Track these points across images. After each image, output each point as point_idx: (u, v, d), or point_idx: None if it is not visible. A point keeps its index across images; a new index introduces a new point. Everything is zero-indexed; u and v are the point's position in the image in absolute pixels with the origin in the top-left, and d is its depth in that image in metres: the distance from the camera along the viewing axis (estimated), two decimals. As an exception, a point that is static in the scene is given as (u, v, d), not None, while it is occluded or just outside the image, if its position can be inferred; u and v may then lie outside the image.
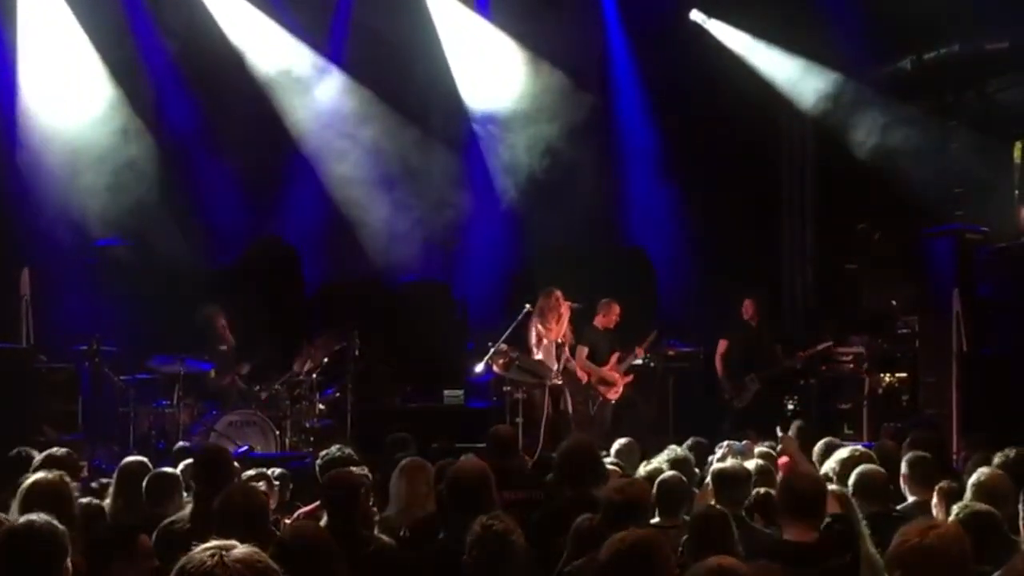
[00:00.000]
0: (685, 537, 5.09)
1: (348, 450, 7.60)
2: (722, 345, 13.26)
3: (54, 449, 7.25)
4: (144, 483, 6.43)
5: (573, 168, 14.76)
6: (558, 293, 12.62)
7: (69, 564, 4.01)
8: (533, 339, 12.56)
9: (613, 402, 13.00)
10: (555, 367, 12.47)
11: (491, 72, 15.13)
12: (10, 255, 12.26)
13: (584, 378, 12.84)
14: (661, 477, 6.18)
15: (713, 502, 6.05)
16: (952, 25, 13.15)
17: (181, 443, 10.21)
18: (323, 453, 7.56)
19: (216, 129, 13.97)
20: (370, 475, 6.88)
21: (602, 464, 6.66)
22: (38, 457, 7.06)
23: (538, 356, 12.51)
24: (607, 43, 15.49)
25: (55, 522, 4.03)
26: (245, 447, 10.96)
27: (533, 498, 6.68)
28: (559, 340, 12.55)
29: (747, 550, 4.82)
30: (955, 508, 5.08)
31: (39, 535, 3.94)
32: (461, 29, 14.98)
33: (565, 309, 12.55)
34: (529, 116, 14.88)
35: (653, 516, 5.68)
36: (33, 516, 4.04)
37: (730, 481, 6.23)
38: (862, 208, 14.74)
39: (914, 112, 14.06)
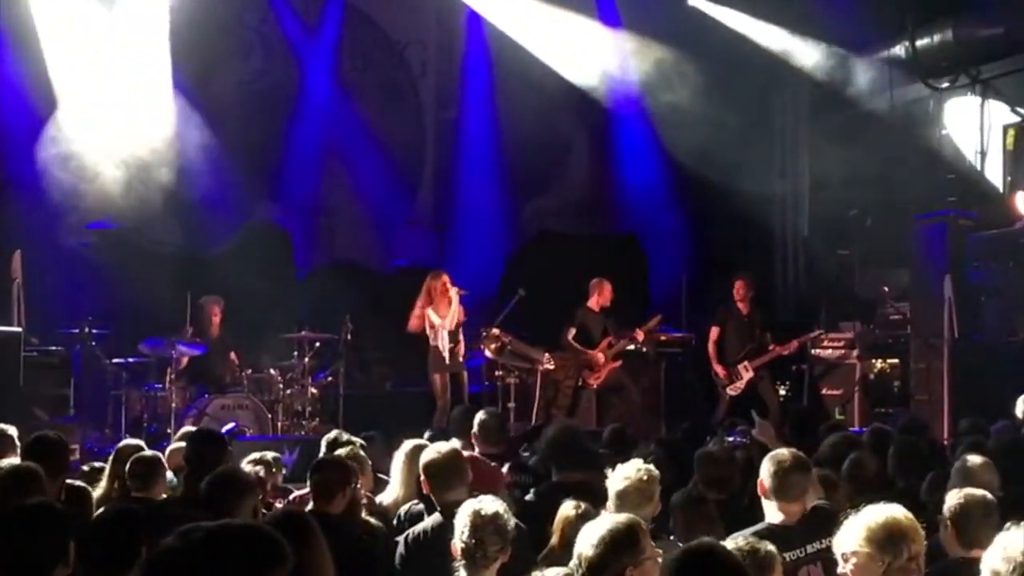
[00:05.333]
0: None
1: (348, 435, 7.62)
2: (714, 332, 13.21)
3: (45, 432, 7.22)
4: (127, 466, 6.44)
5: (565, 153, 14.76)
6: (445, 277, 12.31)
7: (72, 545, 4.02)
8: (426, 325, 12.14)
9: (595, 387, 12.93)
10: (447, 354, 12.08)
11: (487, 57, 15.15)
12: (1, 238, 12.23)
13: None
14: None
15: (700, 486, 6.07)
16: (946, 10, 13.15)
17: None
18: (325, 438, 7.57)
19: (209, 112, 13.93)
20: (368, 461, 6.91)
21: (588, 449, 6.66)
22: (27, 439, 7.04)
23: (434, 342, 12.14)
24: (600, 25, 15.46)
25: (55, 503, 4.04)
26: (234, 425, 10.94)
27: (521, 481, 6.69)
28: (454, 326, 12.19)
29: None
30: (949, 496, 5.07)
31: (45, 515, 3.94)
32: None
33: (454, 294, 12.20)
34: (525, 99, 14.89)
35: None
36: (36, 500, 4.03)
37: (713, 464, 6.25)
38: (855, 194, 14.74)
39: (908, 97, 14.07)
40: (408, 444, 7.07)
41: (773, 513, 5.18)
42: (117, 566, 3.95)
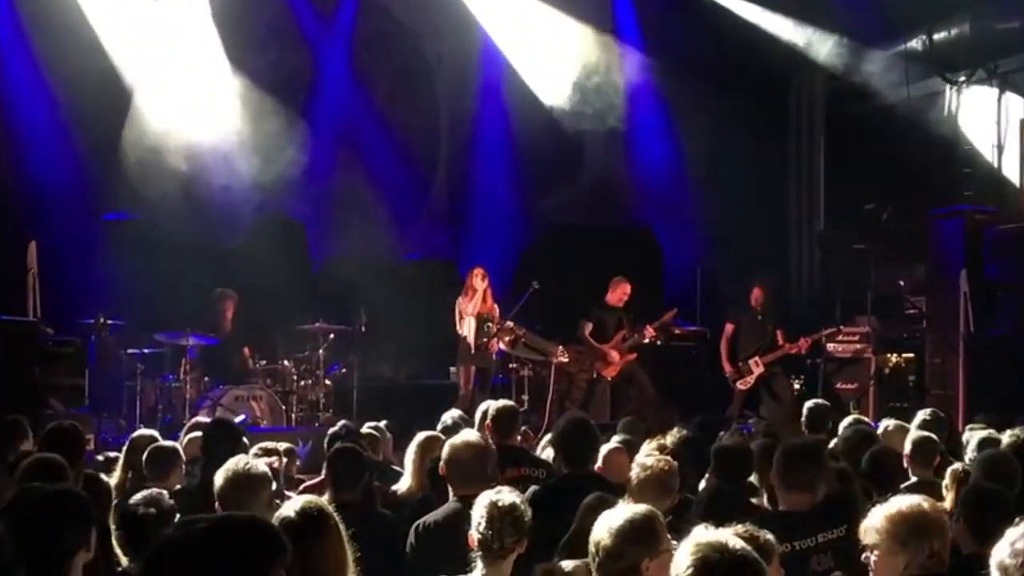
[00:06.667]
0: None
1: (355, 426, 7.63)
2: (728, 328, 13.22)
3: (61, 422, 7.25)
4: (144, 456, 6.46)
5: (580, 147, 14.74)
6: (476, 270, 12.57)
7: (94, 535, 4.03)
8: (456, 316, 12.49)
9: (608, 380, 12.98)
10: (473, 341, 12.33)
11: (503, 51, 15.13)
12: (17, 228, 12.25)
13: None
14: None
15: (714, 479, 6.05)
16: (964, 4, 13.09)
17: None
18: (332, 429, 7.59)
19: (224, 104, 13.93)
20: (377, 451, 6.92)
21: (600, 442, 6.63)
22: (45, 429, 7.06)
23: (462, 332, 12.42)
24: (614, 20, 15.42)
25: (79, 491, 4.05)
26: (244, 417, 10.98)
27: (534, 475, 6.67)
28: (482, 314, 12.37)
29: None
30: (963, 491, 5.05)
31: (68, 505, 3.95)
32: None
33: (479, 283, 12.42)
34: (539, 93, 14.87)
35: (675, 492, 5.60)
36: (60, 486, 4.04)
37: (731, 458, 6.22)
38: (872, 188, 14.71)
39: (924, 91, 14.02)
40: (421, 435, 7.09)
41: (784, 500, 5.17)
42: (62, 552, 3.94)
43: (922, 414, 8.09)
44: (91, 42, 13.22)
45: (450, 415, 8.51)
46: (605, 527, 3.82)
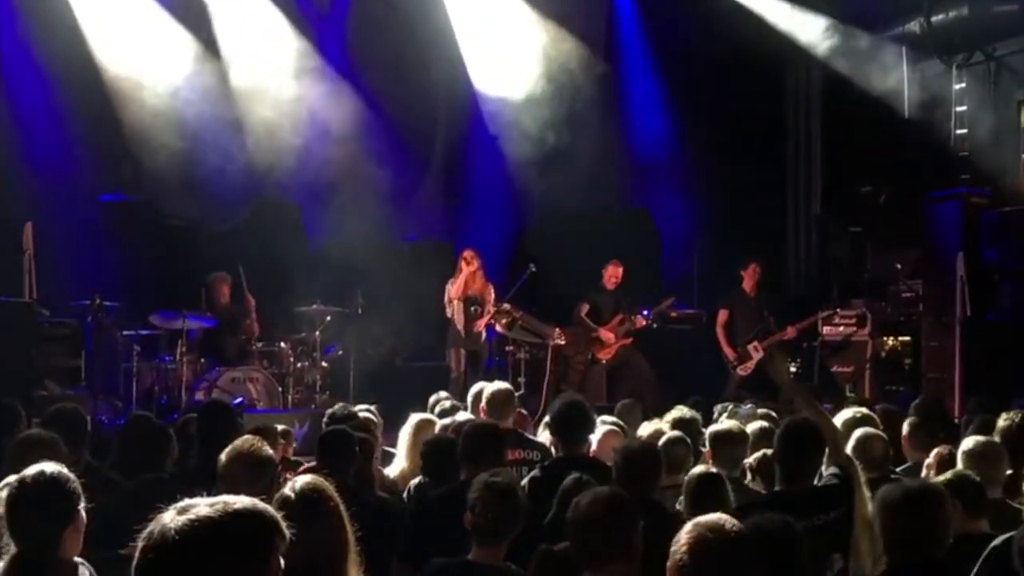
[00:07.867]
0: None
1: (352, 408, 7.64)
2: (722, 315, 13.24)
3: (63, 405, 7.25)
4: (138, 437, 6.47)
5: (577, 129, 14.70)
6: (464, 252, 12.59)
7: (83, 511, 4.04)
8: (445, 300, 12.52)
9: (604, 362, 13.00)
10: (461, 325, 12.38)
11: (497, 32, 15.06)
12: (13, 209, 12.23)
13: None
14: (665, 437, 6.20)
15: (711, 463, 6.06)
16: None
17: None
18: (328, 411, 7.59)
19: (221, 86, 13.89)
20: (375, 435, 6.91)
21: (595, 424, 6.64)
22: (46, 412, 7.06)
23: (450, 316, 12.46)
24: (612, 3, 15.39)
25: (65, 470, 4.06)
26: (241, 399, 10.99)
27: (530, 458, 6.68)
28: (469, 296, 12.42)
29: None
30: (947, 474, 5.07)
31: (53, 482, 3.97)
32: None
33: (466, 265, 12.42)
34: (535, 75, 14.82)
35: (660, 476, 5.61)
36: (44, 465, 4.05)
37: (726, 442, 6.23)
38: (868, 171, 14.69)
39: (922, 74, 14.00)
40: (415, 417, 7.09)
41: (782, 481, 5.18)
42: (50, 528, 3.96)
43: (918, 398, 8.12)
44: (86, 24, 13.18)
45: (437, 398, 8.52)
46: (590, 508, 3.80)
